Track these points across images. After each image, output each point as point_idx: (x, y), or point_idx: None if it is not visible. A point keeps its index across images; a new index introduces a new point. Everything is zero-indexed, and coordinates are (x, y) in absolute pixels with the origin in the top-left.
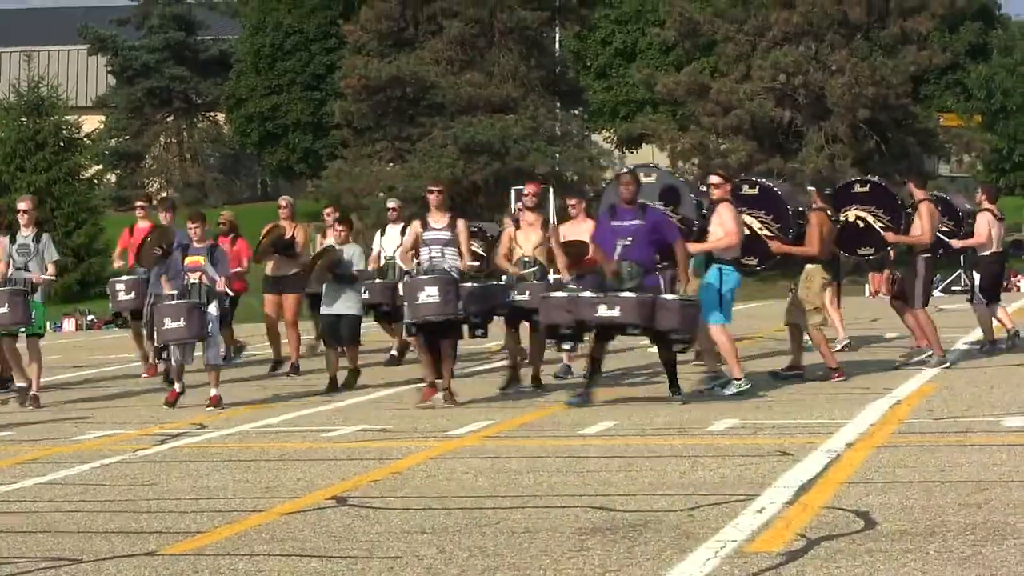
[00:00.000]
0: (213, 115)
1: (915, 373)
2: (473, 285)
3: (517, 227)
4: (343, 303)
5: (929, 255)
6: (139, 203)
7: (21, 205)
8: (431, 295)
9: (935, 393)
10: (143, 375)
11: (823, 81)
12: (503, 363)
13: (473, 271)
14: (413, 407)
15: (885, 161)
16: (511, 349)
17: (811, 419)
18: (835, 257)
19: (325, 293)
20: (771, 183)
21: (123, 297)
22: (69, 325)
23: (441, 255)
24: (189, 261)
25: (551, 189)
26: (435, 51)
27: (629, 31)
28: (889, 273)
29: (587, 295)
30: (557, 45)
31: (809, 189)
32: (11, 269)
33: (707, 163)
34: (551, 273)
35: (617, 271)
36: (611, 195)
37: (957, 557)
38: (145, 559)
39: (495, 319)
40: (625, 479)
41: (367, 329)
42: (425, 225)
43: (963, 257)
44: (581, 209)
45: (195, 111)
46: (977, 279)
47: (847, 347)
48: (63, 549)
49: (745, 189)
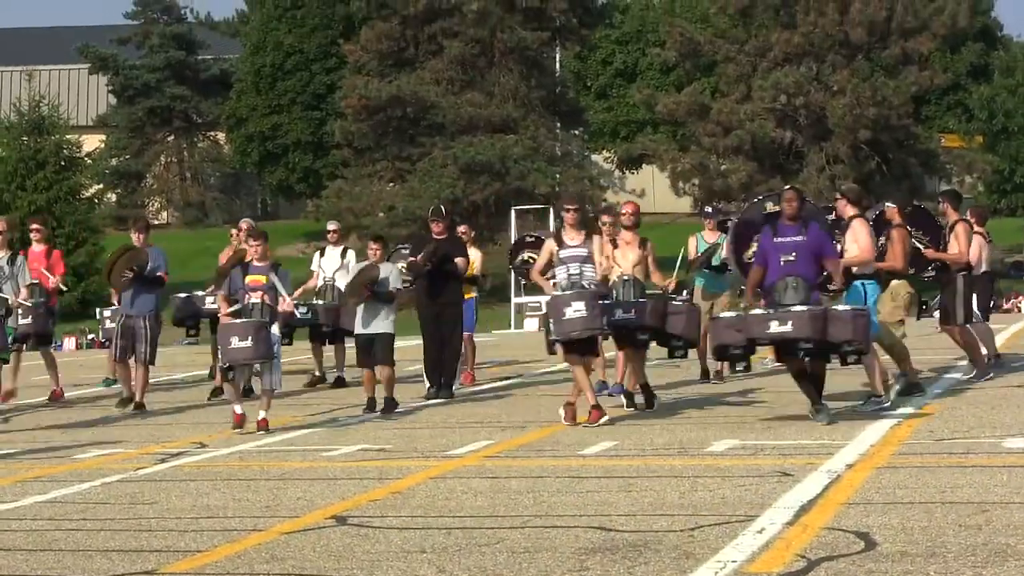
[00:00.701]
0: (214, 134)
1: (914, 395)
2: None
3: (615, 245)
4: (379, 322)
5: (966, 272)
6: (34, 226)
7: None
8: (578, 310)
9: (936, 414)
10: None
11: (824, 102)
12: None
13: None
14: (583, 425)
15: (886, 182)
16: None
17: (811, 440)
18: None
19: (361, 312)
20: (920, 204)
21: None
22: (69, 344)
23: (579, 272)
24: (251, 280)
25: (550, 209)
26: (435, 71)
27: (630, 51)
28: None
29: (757, 312)
30: (558, 65)
31: (888, 206)
32: None
33: (708, 183)
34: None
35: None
36: (753, 213)
37: None
38: None
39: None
40: (625, 499)
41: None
42: (560, 243)
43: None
44: (614, 228)
45: (195, 130)
46: (975, 299)
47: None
48: (64, 567)
49: (770, 207)
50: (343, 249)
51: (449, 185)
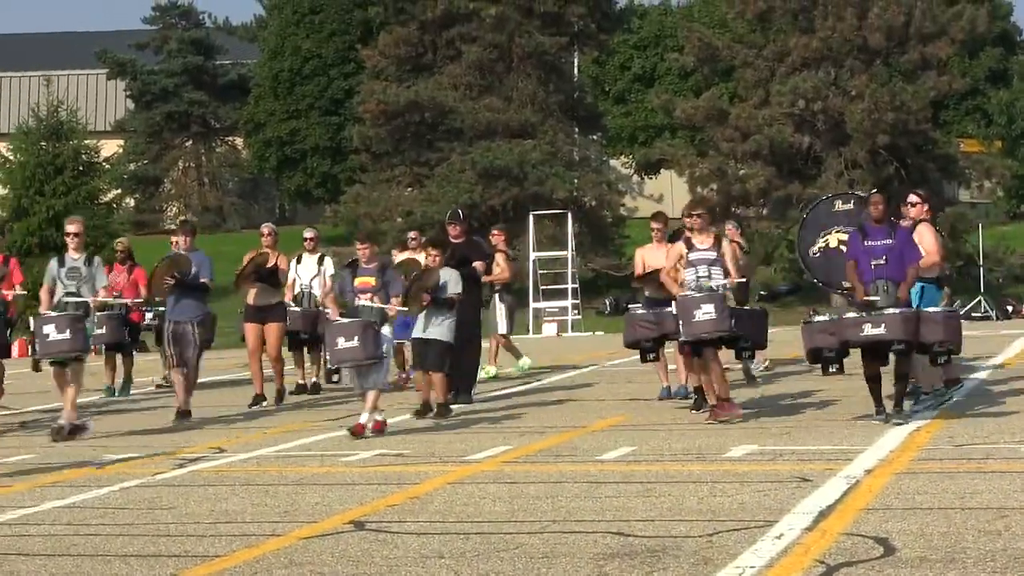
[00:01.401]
0: (231, 140)
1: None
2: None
3: (689, 248)
4: (433, 328)
5: None
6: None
7: (70, 228)
8: (707, 312)
9: (955, 420)
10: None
11: (842, 107)
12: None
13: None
14: (710, 421)
15: (905, 187)
16: (692, 374)
17: (830, 445)
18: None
19: (421, 317)
20: (867, 194)
21: (97, 332)
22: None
23: (708, 274)
24: (359, 282)
25: (568, 215)
26: (453, 76)
27: (648, 56)
28: None
29: (850, 316)
30: (576, 70)
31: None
32: (60, 293)
33: (726, 188)
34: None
35: (867, 299)
36: (820, 211)
37: None
38: None
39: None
40: (643, 504)
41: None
42: (690, 246)
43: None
44: (664, 233)
45: (213, 135)
46: None
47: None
48: (82, 572)
49: (839, 205)
50: (320, 256)
51: (467, 190)
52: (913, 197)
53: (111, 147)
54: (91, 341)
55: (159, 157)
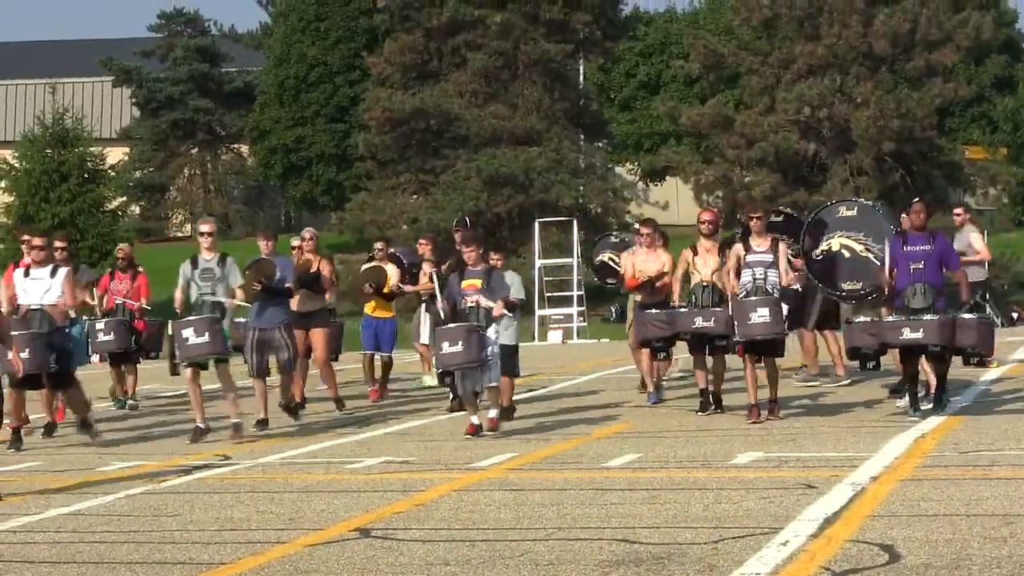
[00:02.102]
0: (237, 147)
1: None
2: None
3: (695, 253)
4: (504, 333)
5: None
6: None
7: (204, 228)
8: (762, 315)
9: (960, 426)
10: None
11: (848, 114)
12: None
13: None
14: (748, 423)
15: (910, 194)
16: (700, 374)
17: (835, 452)
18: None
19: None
20: (871, 202)
21: (103, 338)
22: (94, 357)
23: (764, 276)
24: (466, 284)
25: (574, 222)
26: (459, 83)
27: (653, 64)
28: None
29: (891, 320)
30: (581, 77)
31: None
32: (195, 295)
33: (731, 195)
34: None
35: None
36: (825, 215)
37: None
38: None
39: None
40: (649, 512)
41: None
42: (748, 248)
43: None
44: (655, 239)
45: (219, 143)
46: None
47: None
48: None
49: (843, 211)
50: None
51: (472, 197)
52: (958, 209)
53: (116, 154)
54: (98, 348)
55: (164, 164)
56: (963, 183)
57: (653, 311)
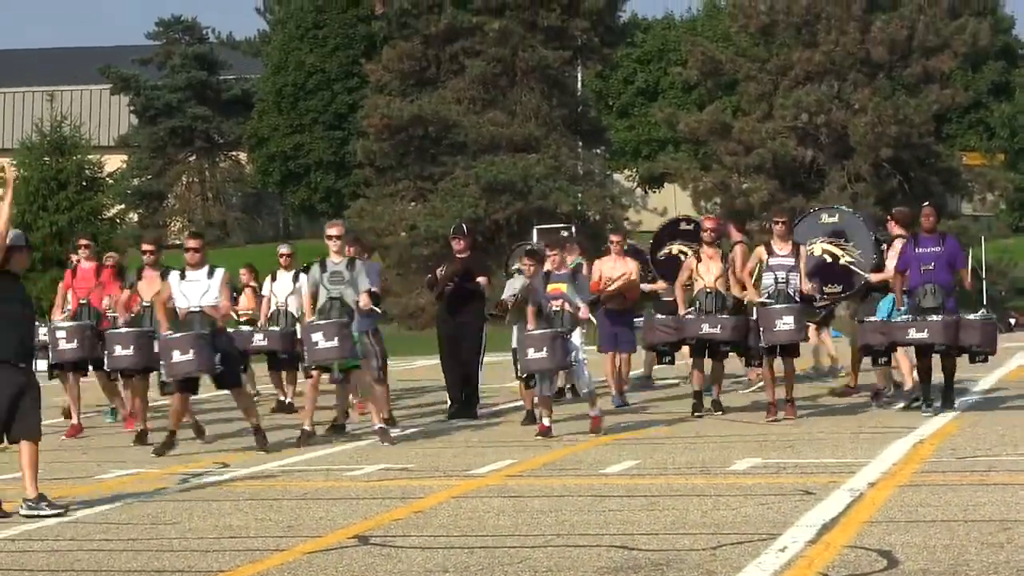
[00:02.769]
0: (235, 154)
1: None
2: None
3: (698, 260)
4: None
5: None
6: (83, 241)
7: (332, 231)
8: (787, 323)
9: (958, 432)
10: (125, 428)
11: (845, 120)
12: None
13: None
14: (765, 422)
15: (908, 200)
16: (697, 375)
17: (833, 458)
18: None
19: (517, 330)
20: (852, 210)
21: (65, 346)
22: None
23: (786, 280)
24: (551, 288)
25: (573, 228)
26: (457, 90)
27: (651, 70)
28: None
29: (901, 319)
30: (579, 84)
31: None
32: (324, 298)
33: (729, 202)
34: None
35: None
36: (806, 227)
37: None
38: None
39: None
40: (647, 518)
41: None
42: (770, 252)
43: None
44: (622, 247)
45: (217, 150)
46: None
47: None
48: None
49: (824, 217)
50: (295, 273)
51: (471, 204)
52: (890, 216)
53: (115, 162)
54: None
55: (163, 172)
56: (960, 189)
57: (660, 316)
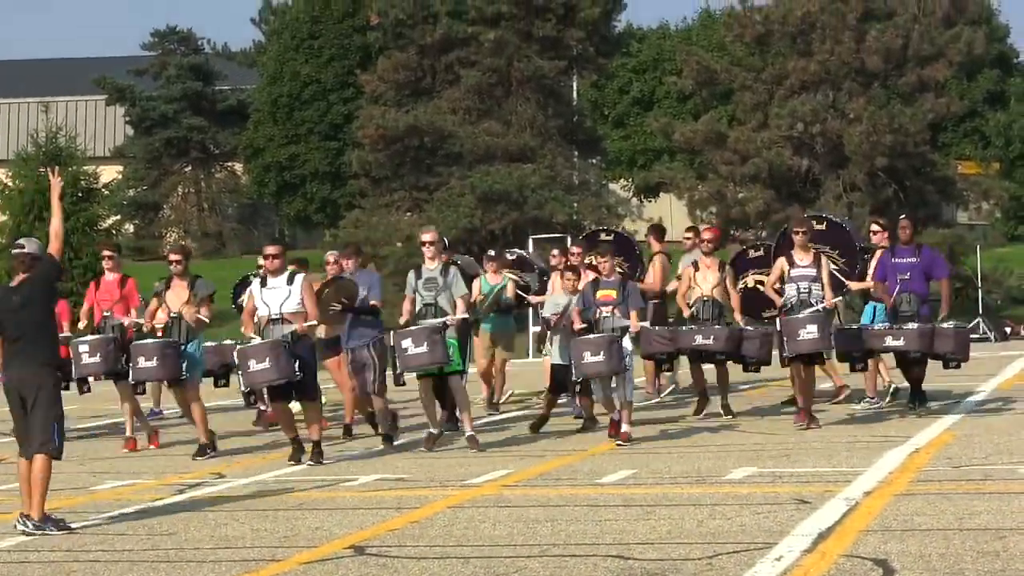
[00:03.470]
0: (231, 165)
1: (933, 421)
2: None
3: (696, 269)
4: None
5: (659, 301)
6: (107, 252)
7: (426, 237)
8: (811, 332)
9: (954, 441)
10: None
11: (841, 129)
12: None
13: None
14: (794, 426)
15: (903, 209)
16: (698, 376)
17: (829, 467)
18: None
19: (557, 343)
20: (839, 219)
21: (88, 360)
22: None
23: (808, 291)
24: (602, 295)
25: (568, 238)
26: (452, 101)
27: (646, 80)
28: None
29: (877, 327)
30: (575, 94)
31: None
32: (419, 304)
33: (725, 212)
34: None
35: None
36: (739, 262)
37: None
38: None
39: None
40: (643, 528)
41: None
42: (792, 263)
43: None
44: (583, 259)
45: (213, 161)
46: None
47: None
48: None
49: (751, 253)
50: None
51: (467, 215)
52: (875, 226)
53: (110, 173)
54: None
55: (158, 183)
56: (956, 198)
57: (656, 328)
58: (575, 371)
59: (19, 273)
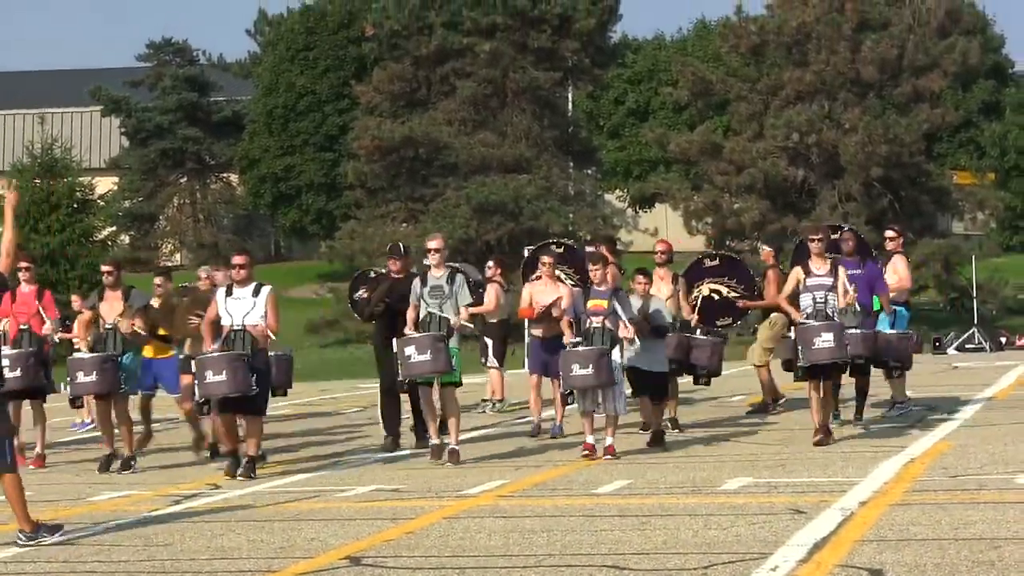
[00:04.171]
0: (226, 176)
1: (928, 431)
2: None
3: (806, 274)
4: (656, 359)
5: None
6: (23, 264)
7: (432, 244)
8: (826, 340)
9: (949, 451)
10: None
11: (836, 139)
12: None
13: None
14: (813, 445)
15: (899, 219)
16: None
17: (824, 477)
18: None
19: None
20: (730, 253)
21: (8, 375)
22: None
23: (824, 300)
24: (592, 304)
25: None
26: (448, 111)
27: (642, 91)
28: None
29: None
30: (570, 105)
31: (763, 248)
32: (424, 312)
33: (721, 222)
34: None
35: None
36: (693, 271)
37: None
38: None
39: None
40: (639, 538)
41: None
42: (808, 272)
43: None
44: (553, 269)
45: (208, 172)
46: None
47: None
48: None
49: (707, 262)
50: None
51: (462, 225)
52: (889, 232)
53: (106, 184)
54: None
55: (154, 194)
56: (951, 208)
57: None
58: (563, 382)
59: None
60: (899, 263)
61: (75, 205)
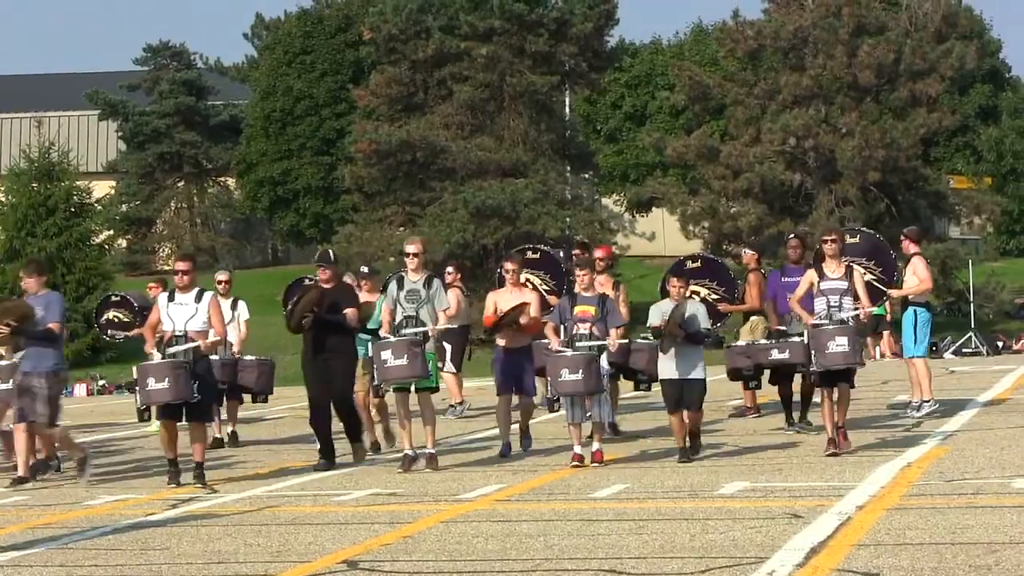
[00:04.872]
0: (224, 180)
1: (925, 435)
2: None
3: (820, 277)
4: (697, 370)
5: None
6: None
7: (409, 248)
8: (840, 344)
9: (946, 455)
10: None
11: (833, 144)
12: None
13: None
14: (824, 455)
15: (895, 223)
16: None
17: (822, 481)
18: None
19: (673, 355)
20: (712, 256)
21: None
22: (80, 390)
23: (838, 304)
24: (579, 310)
25: (560, 252)
26: (445, 116)
27: (639, 95)
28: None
29: (762, 342)
30: (567, 109)
31: (746, 252)
32: (400, 316)
33: (717, 226)
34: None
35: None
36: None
37: None
38: None
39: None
40: (636, 542)
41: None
42: (821, 275)
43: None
44: (518, 276)
45: (205, 176)
46: None
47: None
48: None
49: (689, 264)
50: (233, 301)
51: (459, 229)
52: (903, 235)
53: (103, 188)
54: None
55: (151, 198)
56: (948, 212)
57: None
58: (551, 388)
59: None
60: (919, 264)
61: (72, 209)
